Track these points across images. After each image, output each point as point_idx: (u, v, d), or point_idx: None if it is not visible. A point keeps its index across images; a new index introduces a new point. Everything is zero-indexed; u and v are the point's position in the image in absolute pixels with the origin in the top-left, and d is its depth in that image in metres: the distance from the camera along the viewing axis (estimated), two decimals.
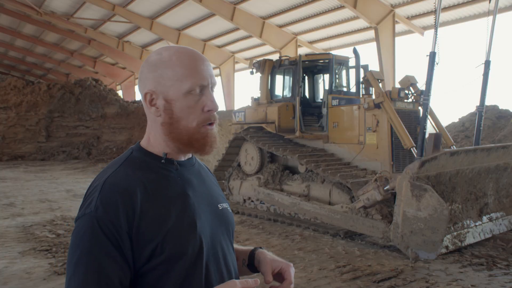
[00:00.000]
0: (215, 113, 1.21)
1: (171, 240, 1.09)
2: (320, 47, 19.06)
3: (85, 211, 1.06)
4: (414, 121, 7.10)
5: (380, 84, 7.12)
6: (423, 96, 6.36)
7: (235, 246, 1.39)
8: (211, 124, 1.20)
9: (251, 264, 1.36)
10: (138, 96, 31.39)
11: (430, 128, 6.91)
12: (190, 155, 1.29)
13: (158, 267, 1.09)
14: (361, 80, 7.91)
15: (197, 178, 1.28)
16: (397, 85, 7.54)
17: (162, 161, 1.20)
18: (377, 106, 6.93)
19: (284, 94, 8.96)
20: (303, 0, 15.21)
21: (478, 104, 7.16)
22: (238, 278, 1.22)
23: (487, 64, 7.00)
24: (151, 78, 1.18)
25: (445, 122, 15.37)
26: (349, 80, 8.81)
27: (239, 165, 9.23)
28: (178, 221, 1.12)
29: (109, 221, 1.02)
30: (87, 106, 22.28)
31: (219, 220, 1.26)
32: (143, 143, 1.25)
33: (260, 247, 1.40)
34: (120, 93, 29.07)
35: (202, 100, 1.18)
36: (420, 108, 6.94)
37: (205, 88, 1.18)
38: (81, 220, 1.05)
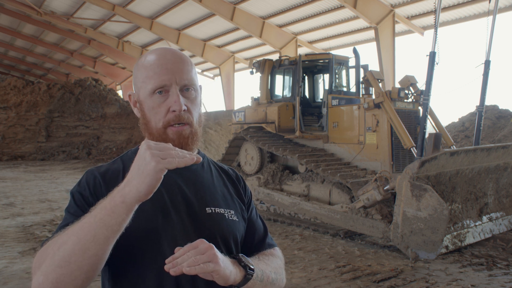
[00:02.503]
0: (188, 115, 1.18)
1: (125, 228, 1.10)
2: (320, 47, 19.06)
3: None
4: (414, 121, 7.10)
5: (380, 84, 7.12)
6: (423, 96, 6.36)
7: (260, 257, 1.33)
8: (181, 124, 1.19)
9: None
10: None
11: (430, 128, 6.91)
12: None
13: (118, 254, 1.09)
14: (361, 80, 7.91)
15: (185, 178, 1.26)
16: (397, 85, 7.54)
17: None
18: (377, 106, 6.93)
19: (284, 94, 8.96)
20: (303, 0, 15.21)
21: (478, 104, 7.16)
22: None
23: (487, 64, 7.00)
24: (133, 81, 1.28)
25: (445, 122, 15.42)
26: (349, 80, 8.81)
27: (239, 165, 9.23)
28: (136, 211, 1.11)
29: (78, 192, 1.19)
30: (87, 106, 22.29)
31: (200, 223, 1.21)
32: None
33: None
34: (120, 93, 29.09)
35: (168, 101, 1.18)
36: (420, 108, 6.94)
37: (170, 88, 1.18)
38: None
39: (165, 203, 1.20)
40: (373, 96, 7.21)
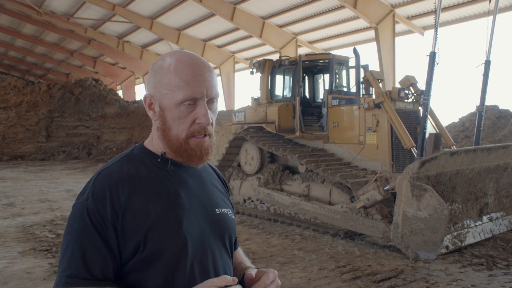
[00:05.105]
0: (209, 126, 1.19)
1: (153, 236, 1.11)
2: (320, 47, 19.06)
3: (78, 200, 1.15)
4: (414, 121, 7.10)
5: (380, 84, 7.12)
6: (423, 96, 6.36)
7: (239, 258, 1.40)
8: (203, 136, 1.20)
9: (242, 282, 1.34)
10: (138, 96, 31.50)
11: (430, 128, 6.91)
12: None
13: (141, 264, 1.11)
14: (361, 80, 7.91)
15: (195, 180, 1.27)
16: (397, 85, 7.54)
17: (159, 160, 1.23)
18: (377, 106, 6.93)
19: (284, 94, 8.96)
20: (303, 0, 15.21)
21: (478, 104, 7.16)
22: None
23: (487, 64, 6.99)
24: (152, 83, 1.22)
25: (445, 122, 15.40)
26: (349, 80, 8.80)
27: (239, 165, 9.23)
28: (162, 218, 1.12)
29: (96, 210, 1.09)
30: (87, 106, 22.28)
31: (214, 224, 1.25)
32: (146, 142, 1.29)
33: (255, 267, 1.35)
34: (120, 93, 29.10)
35: (195, 112, 1.18)
36: (420, 108, 6.94)
37: (199, 100, 1.17)
38: (75, 208, 1.14)
39: (185, 207, 1.20)
40: (373, 96, 7.21)
